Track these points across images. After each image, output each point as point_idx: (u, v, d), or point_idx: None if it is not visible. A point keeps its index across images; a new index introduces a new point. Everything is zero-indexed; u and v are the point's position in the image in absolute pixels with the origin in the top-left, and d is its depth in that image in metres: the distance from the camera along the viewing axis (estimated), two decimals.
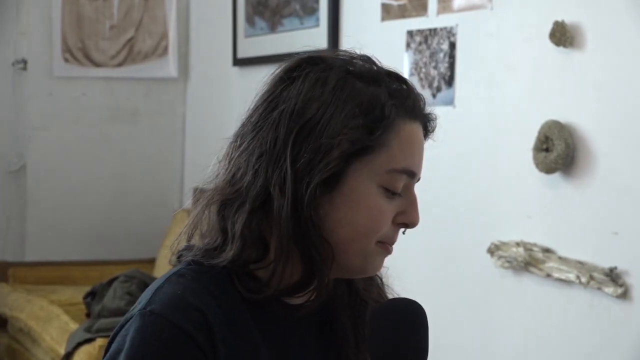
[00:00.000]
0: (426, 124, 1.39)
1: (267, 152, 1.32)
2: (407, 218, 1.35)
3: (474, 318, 3.31)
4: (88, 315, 4.14)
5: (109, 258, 4.90)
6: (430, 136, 1.41)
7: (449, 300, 3.38)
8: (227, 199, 1.33)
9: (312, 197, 1.30)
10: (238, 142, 1.36)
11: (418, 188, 1.44)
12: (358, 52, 1.42)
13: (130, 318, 1.29)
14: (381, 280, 1.51)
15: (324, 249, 1.32)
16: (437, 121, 1.42)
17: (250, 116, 1.37)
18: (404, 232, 1.38)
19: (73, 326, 3.93)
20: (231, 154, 1.36)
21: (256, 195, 1.30)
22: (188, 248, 1.38)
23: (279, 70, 1.38)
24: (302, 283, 1.33)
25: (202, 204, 1.36)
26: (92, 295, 4.17)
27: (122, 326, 1.31)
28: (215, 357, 1.27)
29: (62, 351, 3.81)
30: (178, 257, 1.40)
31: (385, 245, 1.36)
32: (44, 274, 4.75)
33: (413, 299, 1.39)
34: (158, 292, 1.31)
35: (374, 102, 1.33)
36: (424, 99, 1.39)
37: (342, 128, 1.30)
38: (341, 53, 1.41)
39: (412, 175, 1.35)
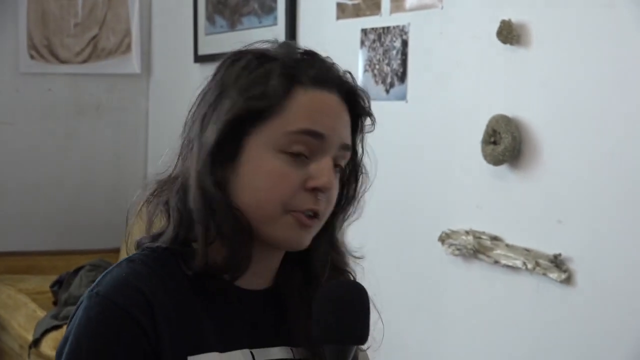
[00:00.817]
0: (348, 95, 1.39)
1: (187, 140, 1.37)
2: (315, 182, 1.33)
3: (426, 303, 3.32)
4: (55, 303, 4.13)
5: (74, 248, 4.88)
6: (362, 104, 1.42)
7: (402, 286, 3.39)
8: (166, 187, 1.38)
9: (207, 166, 1.33)
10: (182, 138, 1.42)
11: (377, 179, 1.44)
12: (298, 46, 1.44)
13: (82, 301, 1.33)
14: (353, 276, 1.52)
15: (236, 219, 1.34)
16: (367, 96, 1.43)
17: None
18: (319, 198, 1.35)
19: (40, 314, 3.92)
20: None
21: (182, 178, 1.36)
22: (146, 236, 1.42)
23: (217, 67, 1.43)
24: (229, 259, 1.34)
25: (153, 196, 1.41)
26: (59, 284, 4.16)
27: (77, 307, 1.34)
28: (158, 336, 1.29)
29: (30, 338, 3.80)
30: (137, 245, 1.43)
31: (298, 214, 1.34)
32: (11, 264, 4.73)
33: (365, 283, 1.40)
34: (106, 276, 1.35)
35: (265, 75, 1.34)
36: (340, 71, 1.40)
37: (232, 103, 1.33)
38: (269, 43, 1.42)
39: (317, 135, 1.33)
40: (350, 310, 1.31)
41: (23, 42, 5.03)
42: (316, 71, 1.36)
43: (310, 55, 1.39)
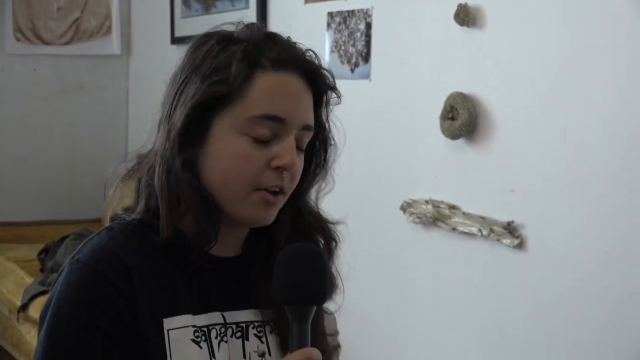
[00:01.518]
0: (310, 75, 1.38)
1: (160, 120, 1.37)
2: (278, 161, 1.33)
3: (389, 268, 3.34)
4: (42, 270, 4.11)
5: (60, 218, 4.87)
6: (325, 81, 1.41)
7: (367, 253, 3.40)
8: (140, 165, 1.38)
9: (175, 147, 1.33)
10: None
11: (342, 152, 1.44)
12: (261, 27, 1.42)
13: (64, 267, 1.33)
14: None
15: (204, 199, 1.34)
16: (330, 73, 1.42)
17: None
18: (284, 176, 1.35)
19: (28, 280, 3.90)
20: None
21: (150, 157, 1.36)
22: (123, 208, 1.42)
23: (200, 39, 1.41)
24: (198, 234, 1.34)
25: (130, 172, 1.42)
26: (46, 252, 4.15)
27: (60, 274, 1.34)
28: (134, 298, 1.29)
29: (18, 303, 3.79)
30: (112, 217, 1.42)
31: (264, 193, 1.34)
32: (0, 234, 4.70)
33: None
34: (87, 244, 1.35)
35: (226, 60, 1.33)
36: (301, 51, 1.38)
37: (197, 87, 1.31)
38: (237, 25, 1.41)
39: (278, 120, 1.33)
40: (305, 273, 1.31)
41: (9, 25, 4.99)
42: (276, 54, 1.34)
43: (272, 38, 1.37)
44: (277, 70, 1.34)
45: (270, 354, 1.41)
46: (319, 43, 3.56)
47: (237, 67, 1.32)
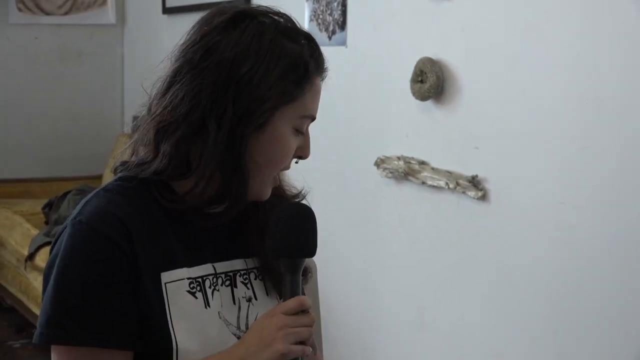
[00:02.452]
0: (324, 77, 1.42)
1: (206, 91, 1.30)
2: (303, 152, 1.40)
3: (365, 219, 3.35)
4: (46, 222, 4.11)
5: (63, 175, 4.87)
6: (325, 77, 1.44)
7: (344, 205, 3.41)
8: (164, 124, 1.32)
9: (246, 137, 1.32)
10: (176, 78, 1.33)
11: (320, 114, 1.45)
12: (275, 9, 1.41)
13: (66, 227, 1.32)
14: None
15: (244, 177, 1.33)
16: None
17: (186, 56, 1.34)
18: (296, 162, 1.41)
19: (34, 232, 3.90)
20: (168, 87, 1.34)
21: (191, 124, 1.30)
22: (123, 163, 1.40)
23: (215, 18, 1.36)
24: (216, 199, 1.35)
25: (143, 127, 1.36)
26: (50, 206, 4.14)
27: (61, 233, 1.33)
28: (135, 257, 1.29)
29: (25, 252, 3.79)
30: (114, 170, 1.41)
31: (276, 177, 1.40)
32: (8, 189, 4.70)
33: (314, 203, 1.41)
34: (87, 205, 1.33)
35: (300, 60, 1.34)
36: (324, 56, 1.41)
37: (275, 81, 1.31)
38: (267, 10, 1.39)
39: (313, 118, 1.39)
40: (299, 229, 1.33)
41: None
42: (318, 60, 1.38)
43: (315, 44, 1.40)
44: (319, 74, 1.40)
45: (256, 299, 1.43)
46: (299, 12, 3.53)
47: (304, 73, 1.35)
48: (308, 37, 1.39)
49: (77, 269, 1.27)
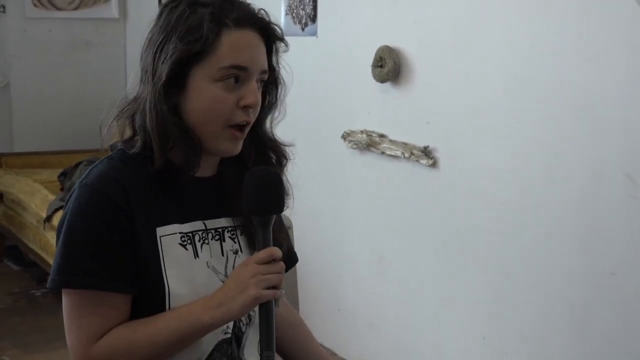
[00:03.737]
0: (263, 30, 1.35)
1: (143, 70, 1.34)
2: (245, 101, 1.32)
3: (334, 183, 3.35)
4: (62, 189, 4.07)
5: (75, 148, 4.81)
6: (275, 34, 1.38)
7: (317, 172, 3.41)
8: (131, 108, 1.35)
9: (161, 96, 1.30)
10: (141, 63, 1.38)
11: (296, 94, 1.43)
12: None
13: (74, 189, 1.32)
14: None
15: (188, 136, 1.32)
16: (279, 27, 1.39)
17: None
18: (249, 112, 1.35)
19: (51, 197, 3.87)
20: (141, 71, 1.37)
21: (143, 102, 1.33)
22: (117, 141, 1.40)
23: (160, 11, 1.38)
24: (185, 163, 1.34)
25: (121, 113, 1.38)
26: (64, 175, 4.10)
27: (70, 195, 1.33)
28: (132, 214, 1.29)
29: (44, 215, 3.76)
30: (111, 147, 1.41)
31: (232, 130, 1.34)
32: (28, 161, 4.66)
33: (290, 169, 1.41)
34: (92, 170, 1.34)
35: (198, 22, 1.30)
36: (255, 11, 1.35)
37: (175, 45, 1.29)
38: None
39: (241, 68, 1.31)
40: (266, 191, 1.31)
41: None
42: (236, 14, 1.32)
43: (231, 1, 1.34)
44: (238, 28, 1.31)
45: (241, 251, 1.42)
46: (276, 8, 3.50)
47: (208, 27, 1.29)
48: (228, 0, 1.35)
49: (83, 225, 1.27)
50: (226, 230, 1.41)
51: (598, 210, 2.24)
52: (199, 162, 1.35)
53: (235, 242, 1.42)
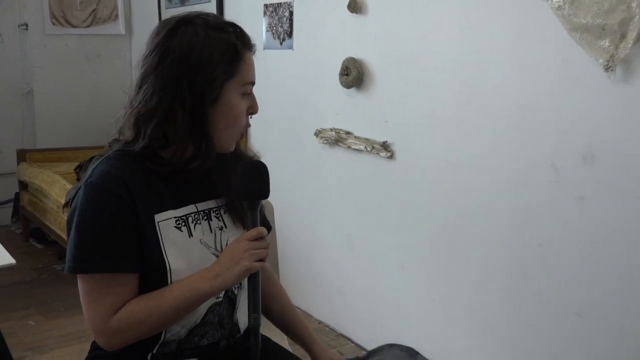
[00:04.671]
0: (254, 50, 1.37)
1: (168, 84, 1.27)
2: (252, 109, 1.36)
3: (308, 173, 3.36)
4: (78, 179, 4.04)
5: (88, 145, 4.78)
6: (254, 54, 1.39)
7: (294, 163, 3.41)
8: (141, 114, 1.30)
9: (205, 111, 1.29)
10: (145, 80, 1.30)
11: (276, 98, 1.43)
12: (206, 11, 1.37)
13: (81, 187, 1.29)
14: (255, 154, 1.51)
15: (210, 141, 1.32)
16: (258, 48, 1.39)
17: (148, 62, 1.31)
18: (250, 117, 1.38)
19: (69, 186, 3.83)
20: (139, 87, 1.31)
21: (163, 111, 1.28)
22: (115, 140, 1.37)
23: (162, 29, 1.32)
24: (192, 159, 1.33)
25: (126, 116, 1.33)
26: (80, 168, 4.06)
27: (77, 191, 1.30)
28: (134, 204, 1.27)
29: (62, 201, 3.72)
30: (110, 145, 1.40)
31: (242, 132, 1.37)
32: (49, 156, 4.61)
33: (263, 161, 1.41)
34: (95, 170, 1.31)
35: (230, 44, 1.30)
36: (248, 35, 1.36)
37: (216, 64, 1.28)
38: (198, 13, 1.34)
39: (253, 83, 1.35)
40: (256, 179, 1.32)
41: (47, 14, 4.82)
42: (244, 40, 1.33)
43: (239, 28, 1.35)
44: (247, 50, 1.33)
45: (226, 227, 1.41)
46: (258, 25, 3.49)
47: (236, 52, 1.31)
48: (233, 25, 1.34)
49: (92, 218, 1.25)
50: (212, 210, 1.41)
51: (527, 194, 2.27)
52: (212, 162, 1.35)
53: (220, 220, 1.41)
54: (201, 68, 1.27)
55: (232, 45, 1.30)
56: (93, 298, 1.26)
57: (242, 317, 1.44)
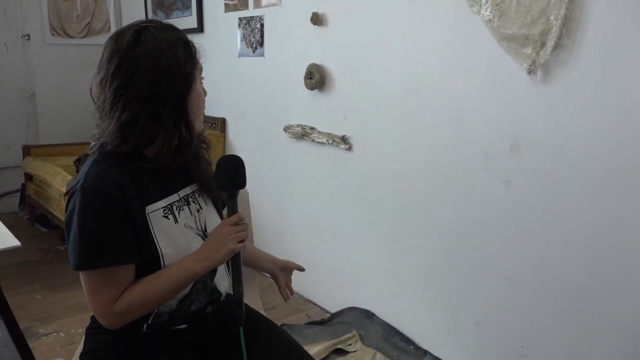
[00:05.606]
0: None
1: (147, 92, 1.22)
2: (205, 91, 1.35)
3: (278, 163, 3.35)
4: (77, 171, 3.97)
5: (86, 140, 4.66)
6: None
7: (266, 156, 3.39)
8: (124, 123, 1.24)
9: (185, 103, 1.27)
10: (120, 92, 1.23)
11: (250, 100, 1.42)
12: (147, 20, 1.32)
13: (76, 190, 1.23)
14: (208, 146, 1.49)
15: (191, 127, 1.30)
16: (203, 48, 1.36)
17: (119, 76, 1.22)
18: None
19: (69, 177, 3.76)
20: (116, 100, 1.24)
21: (146, 114, 1.23)
22: (100, 146, 1.29)
23: (121, 41, 1.24)
24: (177, 148, 1.30)
25: (103, 126, 1.27)
26: (78, 161, 3.98)
27: (72, 193, 1.24)
28: (128, 201, 1.23)
29: (63, 190, 3.66)
30: (91, 148, 1.32)
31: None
32: (50, 151, 4.51)
33: (238, 154, 1.40)
34: (87, 174, 1.24)
35: (183, 40, 1.28)
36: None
37: (184, 61, 1.26)
38: (145, 21, 1.30)
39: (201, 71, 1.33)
40: (234, 172, 1.31)
41: (47, 26, 4.70)
42: (186, 34, 1.31)
43: (179, 30, 1.32)
44: (191, 42, 1.31)
45: (201, 208, 1.40)
46: (234, 36, 3.46)
47: (195, 53, 1.30)
48: (174, 27, 1.30)
49: (92, 219, 1.20)
50: (189, 195, 1.39)
51: (463, 178, 2.29)
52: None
53: (196, 203, 1.40)
54: (172, 68, 1.23)
55: (185, 41, 1.28)
56: (96, 290, 1.23)
57: (221, 281, 1.44)
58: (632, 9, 1.72)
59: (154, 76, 1.22)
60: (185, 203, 1.37)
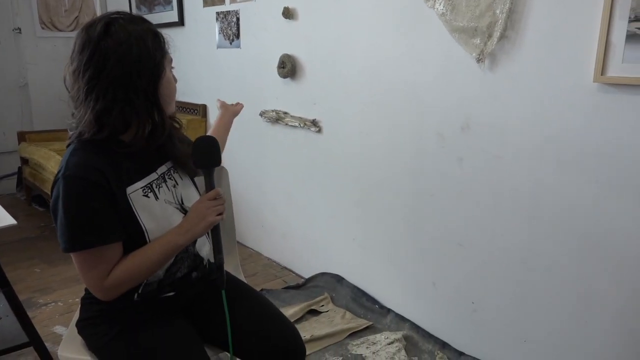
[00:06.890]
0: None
1: (120, 81, 1.19)
2: (175, 77, 1.32)
3: (255, 145, 3.33)
4: None
5: None
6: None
7: (244, 138, 3.37)
8: (100, 112, 1.21)
9: (157, 90, 1.25)
10: (93, 82, 1.20)
11: (228, 88, 1.41)
12: (115, 11, 1.28)
13: (58, 179, 1.20)
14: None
15: (163, 112, 1.28)
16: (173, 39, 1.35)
17: (92, 67, 1.18)
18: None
19: None
20: (90, 90, 1.21)
21: (120, 102, 1.21)
22: (78, 135, 1.26)
23: (92, 33, 1.21)
24: (151, 132, 1.28)
25: (80, 115, 1.24)
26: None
27: (56, 181, 1.21)
28: (109, 185, 1.21)
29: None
30: (70, 138, 1.29)
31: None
32: (44, 136, 4.41)
33: (213, 135, 1.39)
34: (68, 162, 1.21)
35: (153, 31, 1.25)
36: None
37: (154, 51, 1.23)
38: (115, 13, 1.26)
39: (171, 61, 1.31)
40: (209, 151, 1.30)
41: (37, 20, 4.57)
42: (154, 25, 1.28)
43: (149, 22, 1.29)
44: (159, 32, 1.29)
45: (177, 183, 1.39)
46: (212, 28, 3.41)
47: (163, 38, 1.27)
48: (144, 18, 1.26)
49: (77, 204, 1.18)
50: (165, 173, 1.38)
51: (421, 156, 2.32)
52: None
53: (172, 179, 1.38)
54: (143, 58, 1.20)
55: (154, 32, 1.25)
56: (88, 268, 1.22)
57: (202, 247, 1.44)
58: (568, 4, 1.75)
59: (126, 66, 1.18)
60: (163, 180, 1.36)
